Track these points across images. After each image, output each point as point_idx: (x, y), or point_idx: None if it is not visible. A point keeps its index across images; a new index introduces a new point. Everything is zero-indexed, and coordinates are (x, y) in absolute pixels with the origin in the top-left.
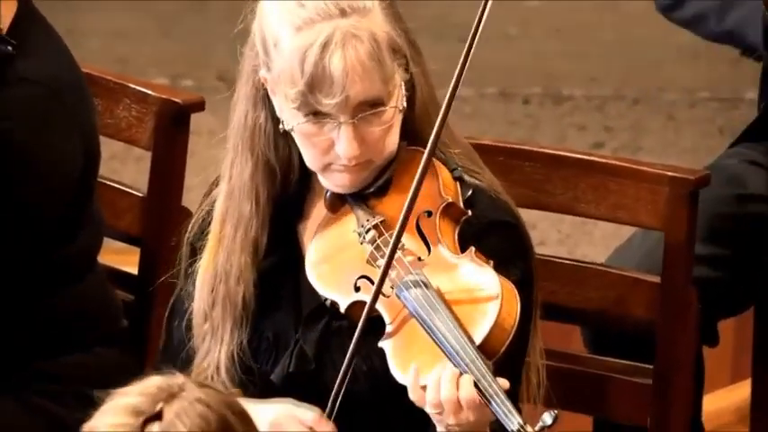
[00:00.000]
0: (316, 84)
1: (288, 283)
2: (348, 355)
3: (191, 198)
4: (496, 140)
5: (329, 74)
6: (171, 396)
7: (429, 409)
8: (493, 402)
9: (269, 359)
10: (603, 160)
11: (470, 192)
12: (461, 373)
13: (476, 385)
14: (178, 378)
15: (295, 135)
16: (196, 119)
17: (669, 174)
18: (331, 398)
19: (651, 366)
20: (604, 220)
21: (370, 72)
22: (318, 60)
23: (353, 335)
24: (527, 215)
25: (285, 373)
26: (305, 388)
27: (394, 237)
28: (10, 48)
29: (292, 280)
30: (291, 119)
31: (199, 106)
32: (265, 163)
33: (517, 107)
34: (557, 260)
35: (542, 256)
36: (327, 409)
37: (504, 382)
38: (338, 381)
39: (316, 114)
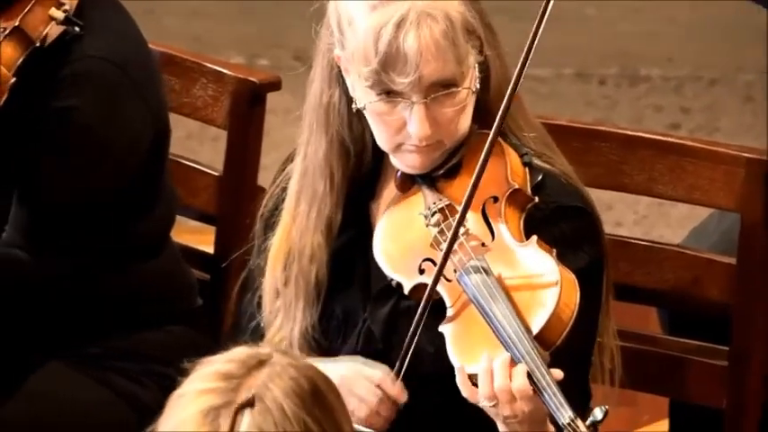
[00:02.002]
0: (389, 62)
1: (359, 261)
2: (408, 338)
3: (266, 177)
4: (573, 121)
5: (403, 53)
6: (260, 363)
7: (483, 402)
8: (545, 394)
9: (338, 337)
10: (680, 141)
11: (540, 177)
12: (513, 362)
13: (529, 376)
14: (264, 347)
15: (367, 114)
16: (272, 98)
17: (745, 155)
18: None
19: (727, 348)
20: (680, 201)
21: (444, 52)
22: (393, 39)
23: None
24: (603, 196)
25: (353, 351)
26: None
27: (456, 222)
28: (77, 28)
29: (363, 259)
30: (364, 97)
31: (275, 85)
32: (340, 142)
33: (594, 88)
34: (633, 241)
35: (618, 237)
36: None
37: (558, 374)
38: (398, 363)
39: (388, 93)
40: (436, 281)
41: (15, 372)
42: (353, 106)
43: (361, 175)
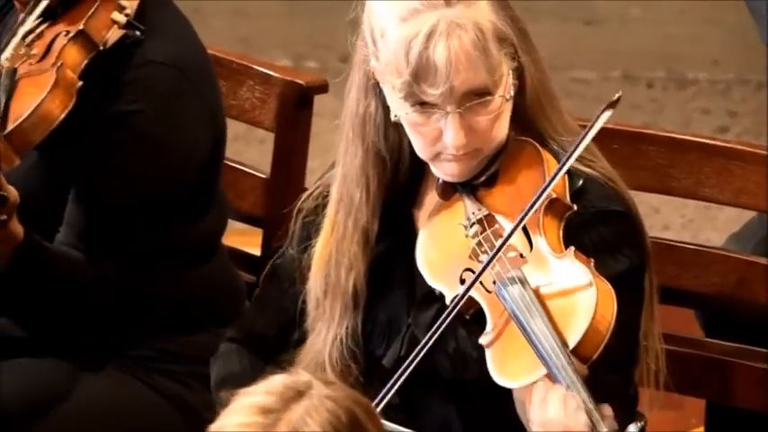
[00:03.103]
0: (420, 74)
1: (402, 267)
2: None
3: (313, 179)
4: (620, 124)
5: (433, 64)
6: (299, 394)
7: (533, 428)
8: None
9: (382, 342)
10: (727, 145)
11: (581, 181)
12: (567, 388)
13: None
14: (303, 375)
15: (404, 124)
16: (319, 100)
17: None
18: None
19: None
20: (727, 204)
21: (475, 62)
22: (423, 50)
23: (466, 321)
24: (650, 199)
25: (397, 356)
26: (415, 372)
27: (498, 245)
28: (138, 32)
29: (406, 264)
30: (399, 108)
31: (322, 88)
32: (375, 152)
33: (641, 91)
34: (679, 245)
35: (665, 240)
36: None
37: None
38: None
39: (422, 104)
40: (466, 291)
41: (64, 373)
42: (391, 116)
43: (398, 183)
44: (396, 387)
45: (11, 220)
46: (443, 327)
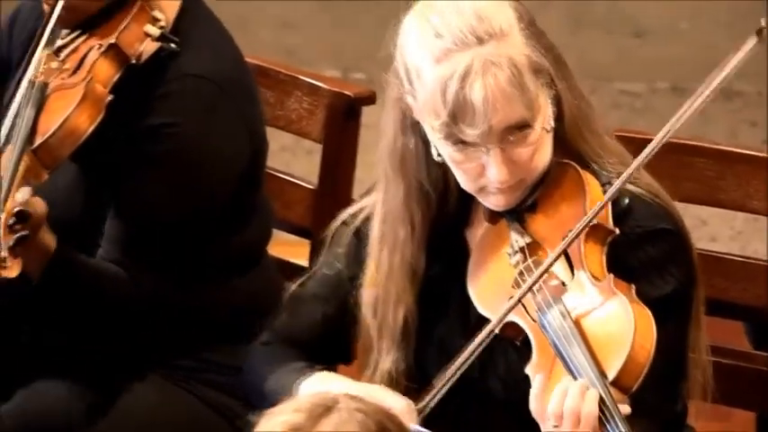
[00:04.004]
0: (458, 115)
1: (456, 289)
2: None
3: (361, 190)
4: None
5: (471, 104)
6: (327, 410)
7: (549, 422)
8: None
9: (435, 365)
10: None
11: (626, 201)
12: (588, 387)
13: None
14: (329, 392)
15: (446, 161)
16: (367, 112)
17: None
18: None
19: None
20: None
21: (512, 98)
22: (459, 91)
23: (517, 346)
24: (699, 211)
25: None
26: (468, 394)
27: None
28: (174, 45)
29: (460, 286)
30: (440, 147)
31: (369, 99)
32: (418, 187)
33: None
34: (727, 257)
35: (713, 252)
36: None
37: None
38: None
39: (463, 143)
40: (501, 320)
41: (110, 384)
42: (432, 154)
43: (447, 212)
44: (435, 401)
45: (37, 234)
46: (479, 351)
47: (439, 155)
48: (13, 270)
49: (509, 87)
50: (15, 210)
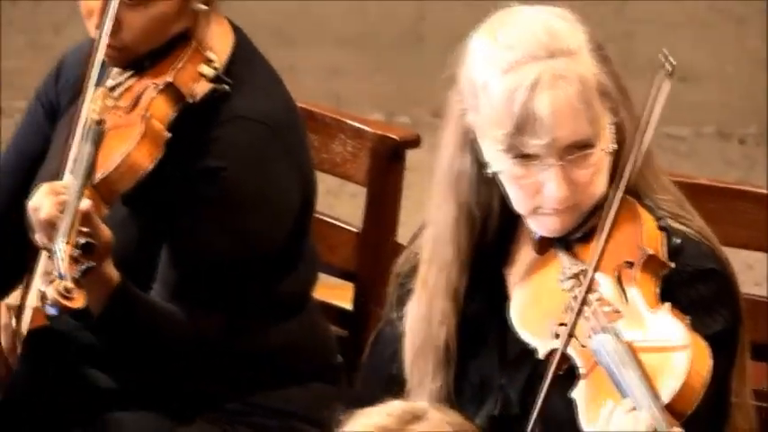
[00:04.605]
0: (523, 125)
1: (493, 326)
2: (539, 402)
3: (405, 234)
4: (713, 180)
5: (537, 115)
6: (416, 418)
7: None
8: None
9: (474, 402)
10: None
11: (678, 240)
12: (637, 409)
13: None
14: (420, 402)
15: (503, 178)
16: (411, 155)
17: None
18: None
19: None
20: None
21: (578, 114)
22: (526, 101)
23: (557, 381)
24: (743, 256)
25: (490, 416)
26: (509, 431)
27: (583, 289)
28: (227, 87)
29: (498, 323)
30: (499, 161)
31: (414, 143)
32: (467, 209)
33: (733, 147)
34: None
35: (758, 297)
36: None
37: None
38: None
39: (524, 157)
40: (565, 347)
41: (157, 427)
42: (485, 172)
43: (486, 241)
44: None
45: (101, 264)
46: (549, 380)
47: (493, 171)
48: (78, 301)
49: (576, 102)
50: (80, 242)
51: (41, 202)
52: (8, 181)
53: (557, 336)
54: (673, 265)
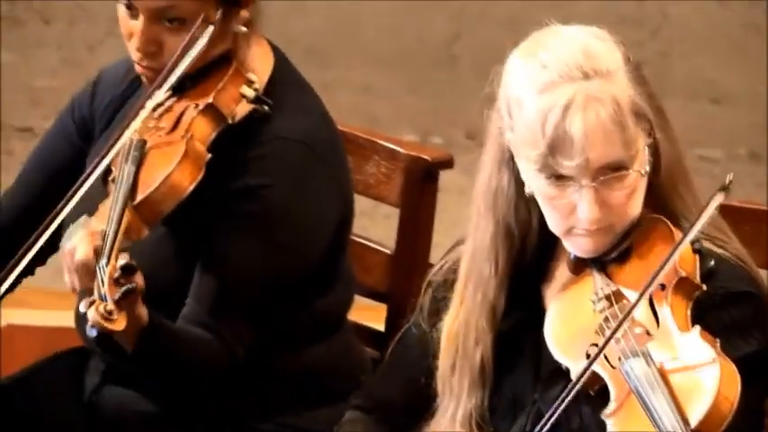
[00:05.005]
0: (556, 146)
1: (528, 342)
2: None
3: (438, 256)
4: (745, 203)
5: (570, 136)
6: None
7: None
8: None
9: (507, 417)
10: None
11: (712, 262)
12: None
13: None
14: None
15: (538, 198)
16: (445, 176)
17: None
18: None
19: None
20: None
21: (611, 135)
22: (559, 122)
23: (590, 399)
24: None
25: (522, 431)
26: None
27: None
28: (267, 107)
29: (533, 340)
30: (534, 181)
31: (447, 163)
32: (506, 226)
33: (766, 169)
34: None
35: None
36: None
37: None
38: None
39: (558, 177)
40: (588, 367)
41: None
42: (525, 190)
43: (525, 258)
44: None
45: (137, 300)
46: (568, 400)
47: (530, 190)
48: (119, 323)
49: (609, 124)
50: (121, 263)
51: (78, 245)
52: (27, 182)
53: (588, 356)
54: (705, 287)
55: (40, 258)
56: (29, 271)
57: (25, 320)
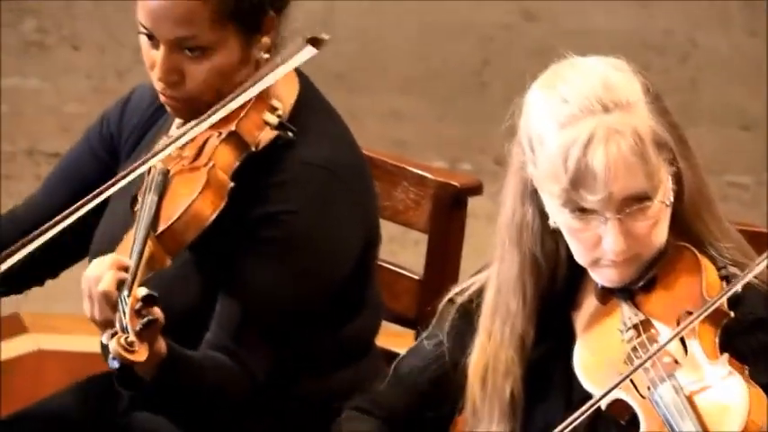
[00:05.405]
0: (579, 181)
1: (559, 370)
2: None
3: None
4: None
5: (592, 171)
6: None
7: None
8: None
9: None
10: None
11: (739, 289)
12: None
13: None
14: None
15: (562, 230)
16: (474, 202)
17: None
18: None
19: None
20: None
21: (633, 168)
22: (581, 157)
23: (621, 426)
24: None
25: None
26: None
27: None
28: (291, 133)
29: (564, 367)
30: (558, 215)
31: (476, 190)
32: (532, 259)
33: None
34: None
35: None
36: None
37: None
38: None
39: (582, 210)
40: (606, 394)
41: None
42: (549, 222)
43: (555, 289)
44: None
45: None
46: (581, 419)
47: (555, 223)
48: (141, 354)
49: (631, 156)
50: (143, 295)
51: (102, 275)
52: (49, 193)
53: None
54: (732, 314)
55: (51, 271)
56: (37, 279)
57: (55, 346)
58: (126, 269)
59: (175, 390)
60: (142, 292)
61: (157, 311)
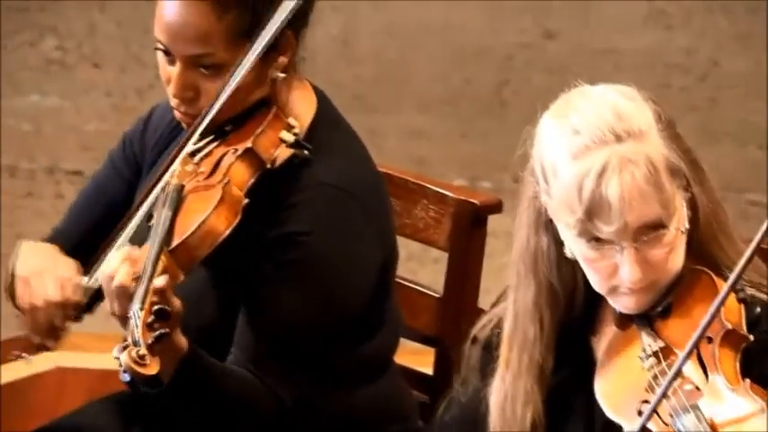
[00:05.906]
0: (594, 211)
1: (580, 396)
2: None
3: (487, 300)
4: None
5: (606, 201)
6: None
7: None
8: None
9: None
10: None
11: (758, 310)
12: None
13: None
14: None
15: (578, 259)
16: (493, 220)
17: None
18: None
19: None
20: None
21: (648, 197)
22: (595, 188)
23: None
24: None
25: None
26: None
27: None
28: (307, 152)
29: (585, 394)
30: (573, 245)
31: (496, 208)
32: (549, 287)
33: None
34: None
35: None
36: None
37: None
38: None
39: (597, 240)
40: (643, 425)
41: None
42: (565, 251)
43: (573, 315)
44: None
45: (173, 332)
46: None
47: (571, 253)
48: (152, 368)
49: (645, 185)
50: (155, 308)
51: (116, 269)
52: (78, 221)
53: (640, 413)
54: (751, 338)
55: None
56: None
57: (75, 363)
58: (137, 262)
59: (195, 394)
60: (155, 306)
61: (177, 303)
